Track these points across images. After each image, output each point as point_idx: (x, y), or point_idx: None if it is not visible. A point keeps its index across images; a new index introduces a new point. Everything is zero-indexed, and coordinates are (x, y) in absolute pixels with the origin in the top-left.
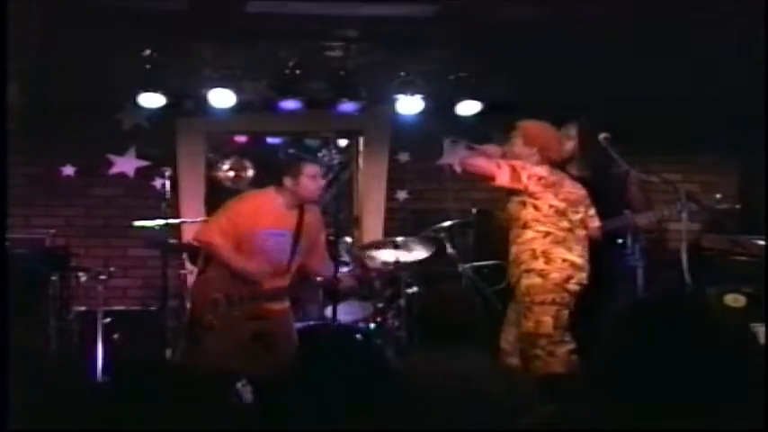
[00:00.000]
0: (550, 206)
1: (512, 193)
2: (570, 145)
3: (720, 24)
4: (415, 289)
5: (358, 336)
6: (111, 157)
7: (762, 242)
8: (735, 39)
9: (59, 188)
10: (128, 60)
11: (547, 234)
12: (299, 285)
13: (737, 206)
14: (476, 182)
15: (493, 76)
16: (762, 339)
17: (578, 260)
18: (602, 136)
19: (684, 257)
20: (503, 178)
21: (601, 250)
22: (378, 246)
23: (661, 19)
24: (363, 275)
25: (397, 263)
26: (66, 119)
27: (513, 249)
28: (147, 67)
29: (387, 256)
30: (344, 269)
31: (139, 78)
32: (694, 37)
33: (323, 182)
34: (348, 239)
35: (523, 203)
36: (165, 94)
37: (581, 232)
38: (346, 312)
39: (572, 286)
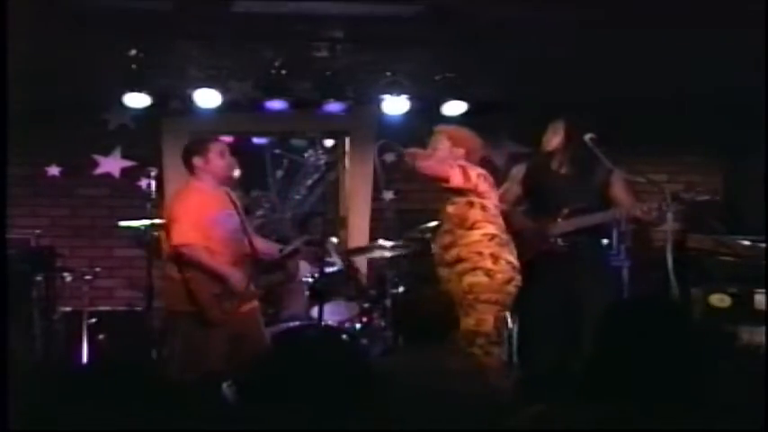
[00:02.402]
0: (495, 206)
1: (457, 193)
2: (556, 140)
3: (708, 25)
4: (401, 289)
5: (344, 336)
6: (97, 157)
7: (746, 242)
8: (722, 39)
9: (45, 188)
10: (113, 60)
11: (493, 237)
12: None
13: (716, 197)
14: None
15: (479, 76)
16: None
17: (517, 262)
18: (587, 136)
19: (670, 258)
20: (457, 179)
21: (586, 248)
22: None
23: (648, 18)
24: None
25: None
26: (51, 119)
27: (455, 251)
28: (133, 67)
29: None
30: (331, 269)
31: (125, 78)
32: (681, 37)
33: (232, 159)
34: (334, 240)
35: (471, 203)
36: (150, 94)
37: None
38: (332, 312)
39: (512, 288)
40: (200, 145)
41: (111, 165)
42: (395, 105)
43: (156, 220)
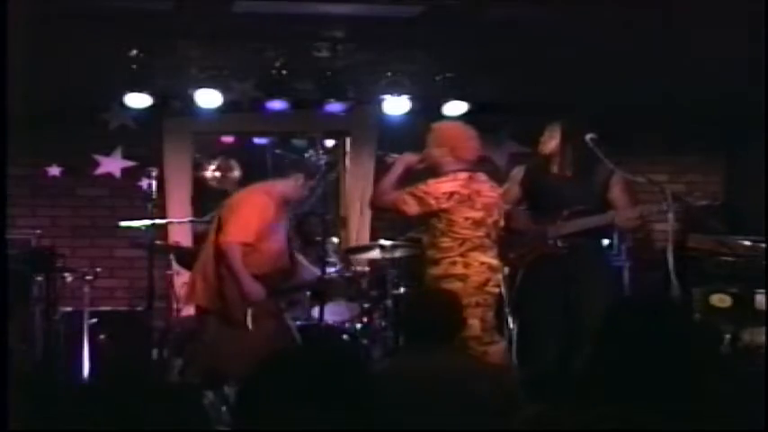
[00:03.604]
0: (466, 218)
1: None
2: (553, 143)
3: (706, 26)
4: (401, 289)
5: (345, 336)
6: (98, 157)
7: (747, 242)
8: (721, 40)
9: (45, 188)
10: (114, 60)
11: (463, 242)
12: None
13: (717, 202)
14: None
15: (479, 76)
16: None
17: (494, 262)
18: (588, 136)
19: (671, 258)
20: (412, 210)
21: (586, 249)
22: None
23: (649, 19)
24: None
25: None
26: (52, 119)
27: (430, 252)
28: (134, 67)
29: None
30: (330, 269)
31: (126, 78)
32: (680, 39)
33: (311, 185)
34: (335, 240)
35: (438, 217)
36: (151, 94)
37: (494, 235)
38: (333, 313)
39: (491, 288)
40: (314, 171)
41: (112, 165)
42: (395, 105)
43: (157, 220)
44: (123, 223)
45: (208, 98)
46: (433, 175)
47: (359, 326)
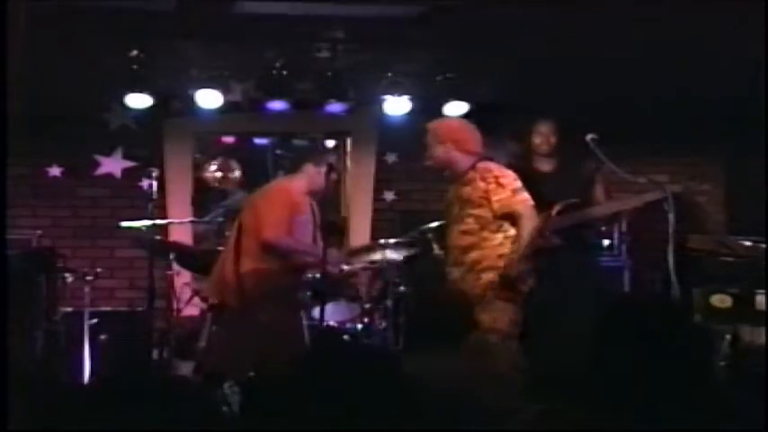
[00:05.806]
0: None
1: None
2: (544, 140)
3: (709, 25)
4: (402, 289)
5: (345, 336)
6: (98, 157)
7: (747, 242)
8: (722, 41)
9: (46, 189)
10: (115, 61)
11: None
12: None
13: (716, 187)
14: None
15: (480, 77)
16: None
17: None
18: (589, 137)
19: (671, 258)
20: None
21: (575, 248)
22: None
23: (648, 20)
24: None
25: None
26: (52, 119)
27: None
28: (135, 67)
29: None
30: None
31: (126, 79)
32: (681, 38)
33: (330, 185)
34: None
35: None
36: (152, 94)
37: None
38: (333, 313)
39: (525, 288)
40: (322, 157)
41: (113, 165)
42: (396, 106)
43: (158, 221)
44: (124, 224)
45: (208, 98)
46: (444, 175)
47: (359, 326)
